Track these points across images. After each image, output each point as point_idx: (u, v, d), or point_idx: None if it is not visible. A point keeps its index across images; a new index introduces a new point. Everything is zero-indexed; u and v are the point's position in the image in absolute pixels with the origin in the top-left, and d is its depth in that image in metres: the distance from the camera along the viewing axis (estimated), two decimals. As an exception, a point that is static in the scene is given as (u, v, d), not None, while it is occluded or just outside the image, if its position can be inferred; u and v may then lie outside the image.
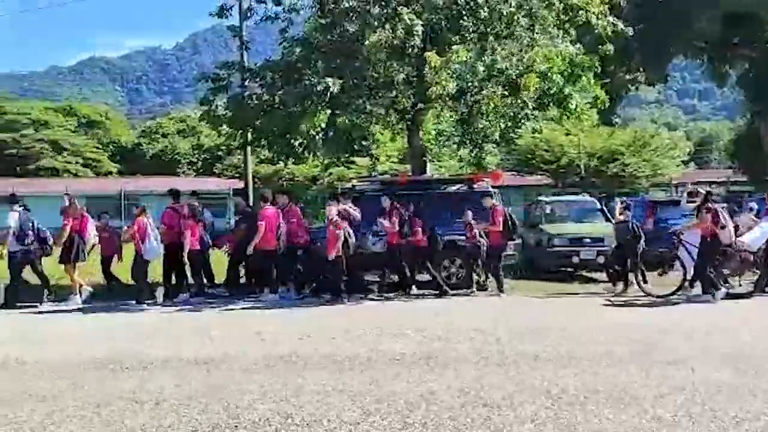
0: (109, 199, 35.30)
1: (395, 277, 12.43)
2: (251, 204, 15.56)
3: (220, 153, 57.12)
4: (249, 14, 15.77)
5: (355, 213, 11.77)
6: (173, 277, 11.50)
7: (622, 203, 13.52)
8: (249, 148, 17.87)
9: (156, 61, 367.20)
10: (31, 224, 10.83)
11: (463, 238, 12.37)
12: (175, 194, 12.11)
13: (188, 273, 11.67)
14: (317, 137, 14.89)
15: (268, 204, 11.62)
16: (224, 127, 14.95)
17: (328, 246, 10.95)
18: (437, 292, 12.03)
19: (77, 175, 61.42)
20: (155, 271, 11.61)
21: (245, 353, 7.25)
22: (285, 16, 14.71)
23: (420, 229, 11.86)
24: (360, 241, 11.61)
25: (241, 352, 7.28)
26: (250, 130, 14.80)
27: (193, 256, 11.28)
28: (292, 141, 14.79)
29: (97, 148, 70.49)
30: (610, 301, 11.48)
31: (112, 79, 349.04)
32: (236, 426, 4.90)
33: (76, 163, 65.80)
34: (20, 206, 10.94)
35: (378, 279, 12.60)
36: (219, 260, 12.70)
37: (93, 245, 11.63)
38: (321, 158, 18.01)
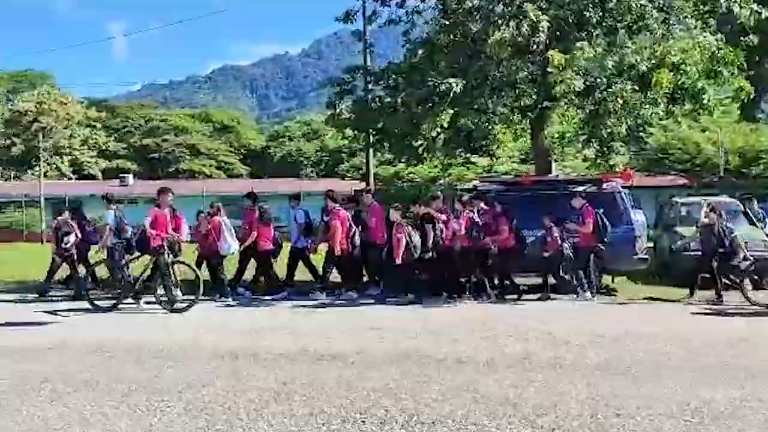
0: (240, 199, 37.17)
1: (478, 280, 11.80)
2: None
3: (343, 155, 58.57)
4: (373, 18, 16.06)
5: (440, 216, 11.52)
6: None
7: (708, 206, 12.43)
8: (371, 150, 18.21)
9: (283, 67, 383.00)
10: (125, 221, 11.67)
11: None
12: (253, 197, 12.67)
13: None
14: (438, 138, 14.89)
15: (338, 205, 11.80)
16: (348, 129, 15.34)
17: (393, 250, 10.94)
18: (539, 295, 11.67)
19: (212, 177, 65.50)
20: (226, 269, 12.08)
21: (366, 349, 7.40)
22: (408, 18, 14.87)
23: (506, 228, 11.47)
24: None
25: (362, 348, 7.44)
26: (373, 131, 15.07)
27: (262, 255, 11.88)
28: (413, 142, 14.89)
29: (230, 151, 74.81)
30: (704, 309, 10.69)
31: (243, 86, 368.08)
32: (363, 421, 4.99)
33: (211, 165, 70.21)
34: (116, 205, 11.85)
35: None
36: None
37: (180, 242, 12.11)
38: (440, 159, 17.99)
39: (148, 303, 10.85)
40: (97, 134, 59.44)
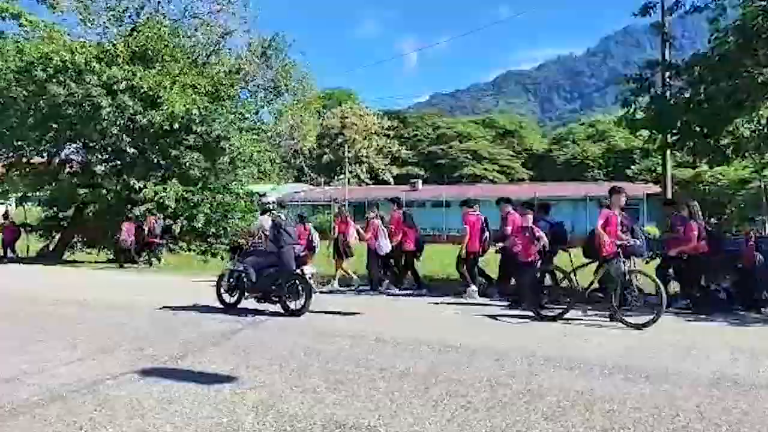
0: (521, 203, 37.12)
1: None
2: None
3: (633, 156, 55.11)
4: (675, 8, 14.75)
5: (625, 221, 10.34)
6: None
7: None
8: (668, 151, 16.72)
9: (567, 68, 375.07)
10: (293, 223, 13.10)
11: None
12: (396, 201, 12.98)
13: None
14: (753, 135, 13.05)
15: (472, 209, 11.75)
16: (643, 130, 14.27)
17: (522, 251, 10.45)
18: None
19: (494, 181, 66.81)
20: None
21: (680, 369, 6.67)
22: (717, 4, 13.31)
23: (695, 233, 9.98)
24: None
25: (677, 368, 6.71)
26: (672, 130, 13.79)
27: (405, 255, 12.34)
28: (719, 140, 13.28)
29: (512, 156, 75.58)
30: None
31: (526, 90, 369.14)
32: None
33: (493, 170, 71.70)
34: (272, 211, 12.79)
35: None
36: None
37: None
38: (754, 158, 15.77)
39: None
40: (390, 143, 64.62)
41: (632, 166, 55.38)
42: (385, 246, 12.13)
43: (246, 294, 9.45)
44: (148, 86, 17.42)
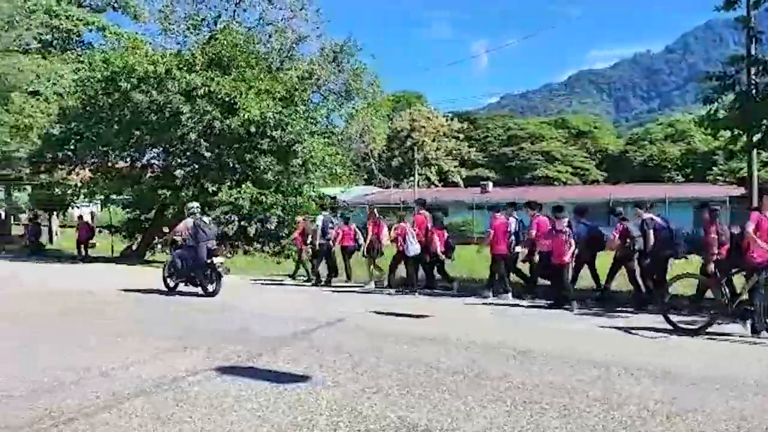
0: (595, 206, 36.18)
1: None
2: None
3: (716, 157, 52.77)
4: (762, 0, 14.04)
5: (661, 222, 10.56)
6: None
7: None
8: (755, 151, 15.91)
9: (644, 66, 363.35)
10: (331, 225, 14.36)
11: None
12: (422, 203, 13.47)
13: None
14: None
15: (498, 213, 12.13)
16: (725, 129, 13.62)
17: (556, 253, 10.54)
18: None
19: (566, 183, 65.32)
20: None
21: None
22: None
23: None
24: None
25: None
26: (759, 128, 13.11)
27: (432, 256, 12.66)
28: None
29: (585, 157, 73.68)
30: None
31: (600, 89, 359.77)
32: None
33: (566, 172, 70.11)
34: (327, 212, 14.41)
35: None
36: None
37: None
38: None
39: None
40: (459, 145, 64.18)
41: (714, 168, 53.03)
42: (414, 248, 12.40)
43: (177, 279, 11.91)
44: (225, 92, 17.97)
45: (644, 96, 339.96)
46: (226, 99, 18.11)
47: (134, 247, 22.17)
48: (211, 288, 11.56)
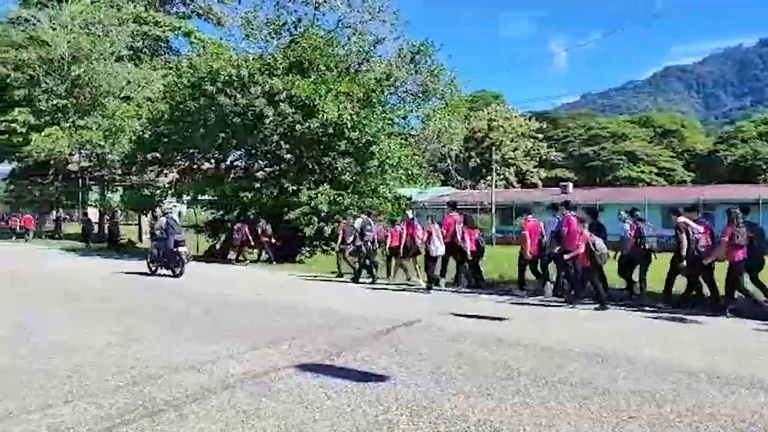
0: (681, 206, 34.59)
1: None
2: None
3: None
4: None
5: (697, 227, 10.38)
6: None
7: None
8: None
9: (735, 61, 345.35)
10: (370, 226, 14.93)
11: None
12: (452, 205, 13.96)
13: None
14: None
15: (530, 216, 12.58)
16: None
17: (579, 256, 10.62)
18: None
19: (651, 184, 62.81)
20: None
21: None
22: None
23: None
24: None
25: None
26: None
27: (460, 255, 13.03)
28: None
29: (672, 157, 70.65)
30: None
31: (688, 86, 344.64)
32: None
33: (650, 172, 67.40)
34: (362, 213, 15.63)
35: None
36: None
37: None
38: None
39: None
40: (539, 145, 62.87)
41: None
42: (438, 248, 12.83)
43: (156, 264, 15.24)
44: (305, 95, 18.32)
45: (736, 92, 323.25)
46: (306, 102, 18.46)
47: (217, 246, 22.92)
48: (177, 270, 14.71)
